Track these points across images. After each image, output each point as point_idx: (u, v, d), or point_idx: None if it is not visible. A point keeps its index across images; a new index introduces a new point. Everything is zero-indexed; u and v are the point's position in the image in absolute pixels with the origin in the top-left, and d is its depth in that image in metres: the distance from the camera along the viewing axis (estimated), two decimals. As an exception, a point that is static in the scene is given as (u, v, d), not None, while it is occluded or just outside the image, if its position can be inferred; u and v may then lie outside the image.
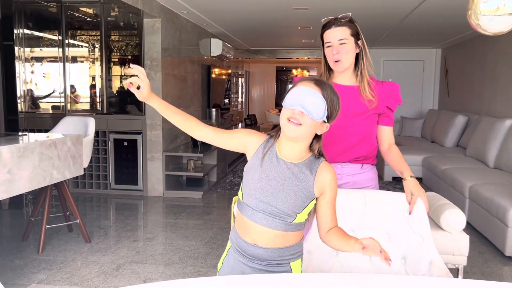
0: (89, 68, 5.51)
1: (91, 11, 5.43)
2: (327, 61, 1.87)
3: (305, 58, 10.85)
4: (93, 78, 5.52)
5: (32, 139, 2.97)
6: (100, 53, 5.38)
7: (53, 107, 5.55)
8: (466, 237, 2.51)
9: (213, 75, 7.30)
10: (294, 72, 14.33)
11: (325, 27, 1.84)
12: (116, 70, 5.48)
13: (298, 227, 1.39)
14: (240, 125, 9.51)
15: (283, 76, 16.14)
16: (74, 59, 5.47)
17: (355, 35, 1.82)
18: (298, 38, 7.89)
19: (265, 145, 1.40)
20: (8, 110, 4.21)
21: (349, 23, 1.81)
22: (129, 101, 5.40)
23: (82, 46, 5.52)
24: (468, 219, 3.99)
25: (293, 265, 1.41)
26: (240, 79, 11.65)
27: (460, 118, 6.40)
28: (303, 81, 1.35)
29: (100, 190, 5.33)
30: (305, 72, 14.60)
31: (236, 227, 1.45)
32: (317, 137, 1.37)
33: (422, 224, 1.74)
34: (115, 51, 5.45)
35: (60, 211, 3.91)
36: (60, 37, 5.36)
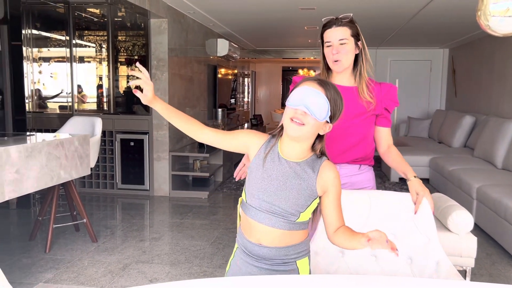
0: (96, 68, 5.54)
1: (98, 11, 5.45)
2: (326, 60, 1.86)
3: (312, 58, 10.82)
4: (100, 78, 5.55)
5: (39, 139, 2.99)
6: (107, 53, 5.40)
7: (60, 107, 5.58)
8: (474, 239, 2.49)
9: (219, 75, 7.31)
10: (301, 72, 14.31)
11: (326, 26, 1.83)
12: (123, 70, 5.50)
13: (302, 226, 1.39)
14: (246, 125, 9.51)
15: (289, 76, 16.11)
16: (81, 59, 5.50)
17: (356, 35, 1.81)
18: (305, 38, 7.87)
19: (267, 145, 1.40)
20: (16, 110, 4.24)
21: (350, 23, 1.80)
22: (135, 101, 5.42)
23: (89, 46, 5.55)
24: (475, 220, 3.96)
25: (299, 263, 1.41)
26: (246, 79, 11.65)
27: (467, 118, 6.35)
28: (307, 81, 1.35)
29: (106, 190, 5.35)
30: (311, 72, 14.57)
31: (241, 228, 1.46)
32: (320, 137, 1.38)
33: (428, 224, 1.73)
34: (122, 51, 5.47)
35: (67, 210, 3.93)
36: (68, 38, 5.39)
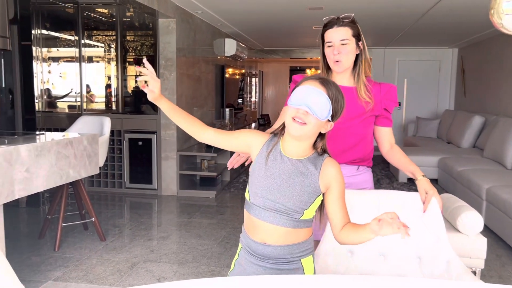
0: (105, 68, 5.57)
1: (107, 11, 5.48)
2: (327, 60, 1.85)
3: (319, 58, 10.80)
4: (109, 78, 5.58)
5: (49, 138, 3.01)
6: (115, 53, 5.43)
7: (69, 107, 5.62)
8: (484, 240, 2.47)
9: (227, 75, 7.32)
10: (308, 72, 14.28)
11: (327, 26, 1.82)
12: (131, 70, 5.53)
13: (307, 223, 1.39)
14: (253, 125, 9.51)
15: (296, 76, 16.06)
16: (90, 59, 5.54)
17: (357, 36, 1.80)
18: (312, 37, 7.85)
19: (269, 143, 1.41)
20: (26, 110, 4.27)
21: (351, 23, 1.79)
22: (144, 100, 5.44)
23: (98, 46, 5.58)
24: (485, 221, 3.92)
25: (304, 261, 1.41)
26: (253, 79, 11.65)
27: (477, 118, 6.30)
28: (308, 80, 1.35)
29: (115, 189, 5.38)
30: (318, 72, 14.51)
31: (245, 227, 1.46)
32: (321, 135, 1.38)
33: (437, 223, 1.73)
34: (130, 51, 5.50)
35: (76, 209, 3.96)
36: (77, 37, 5.42)
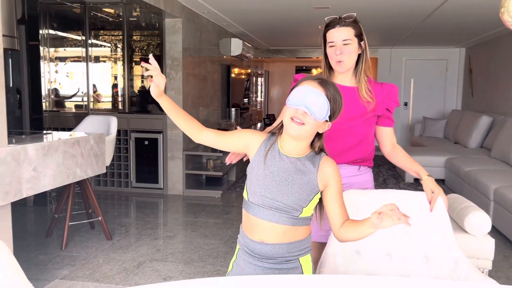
0: (111, 67, 5.59)
1: (113, 11, 5.51)
2: (328, 60, 1.84)
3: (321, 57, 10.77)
4: (115, 78, 5.60)
5: (56, 137, 3.03)
6: (122, 53, 5.45)
7: (76, 106, 5.65)
8: (492, 241, 2.45)
9: (232, 75, 7.32)
10: (314, 71, 14.25)
11: (329, 26, 1.81)
12: (138, 69, 5.55)
13: (305, 221, 1.40)
14: (259, 124, 9.51)
15: (302, 75, 16.04)
16: (96, 59, 5.56)
17: (359, 35, 1.79)
18: (319, 37, 7.83)
19: (267, 142, 1.42)
20: (33, 109, 4.30)
21: (353, 23, 1.78)
22: (150, 100, 5.46)
23: (104, 46, 5.61)
24: (492, 222, 3.89)
25: (302, 260, 1.42)
26: (259, 79, 11.65)
27: (484, 118, 6.26)
28: (307, 80, 1.37)
29: (121, 188, 5.40)
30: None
31: (242, 227, 1.47)
32: (319, 135, 1.40)
33: (443, 222, 1.73)
34: (136, 51, 5.52)
35: (83, 208, 3.98)
36: (84, 37, 5.45)
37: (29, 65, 4.23)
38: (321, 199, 1.42)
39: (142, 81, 5.57)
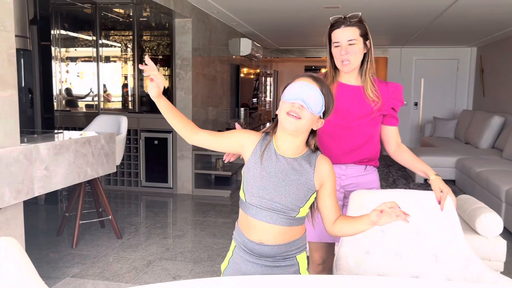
0: (122, 67, 5.63)
1: (124, 11, 5.54)
2: (334, 60, 1.84)
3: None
4: (125, 78, 5.63)
5: (67, 136, 3.06)
6: (132, 53, 5.48)
7: (86, 106, 5.70)
8: (503, 242, 2.43)
9: (241, 75, 7.33)
10: (323, 71, 14.20)
11: (334, 26, 1.81)
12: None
13: (301, 221, 1.43)
14: (268, 124, 9.50)
15: (311, 75, 16.00)
16: (107, 59, 5.60)
17: (364, 35, 1.78)
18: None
19: (262, 143, 1.42)
20: (45, 109, 4.34)
21: (359, 23, 1.77)
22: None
23: (115, 46, 5.65)
24: (504, 223, 3.85)
25: (299, 258, 1.45)
26: (268, 79, 11.65)
27: (496, 119, 6.19)
28: (301, 77, 1.39)
29: (131, 188, 5.43)
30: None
31: (239, 226, 1.47)
32: (313, 133, 1.42)
33: (452, 221, 1.73)
34: (147, 51, 5.55)
35: (93, 207, 4.01)
36: (94, 38, 5.49)
37: (41, 65, 4.27)
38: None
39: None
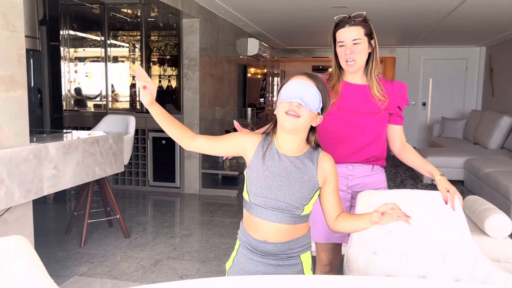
0: (130, 67, 5.66)
1: (132, 12, 5.57)
2: (339, 60, 1.83)
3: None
4: (133, 78, 5.66)
5: (76, 136, 3.08)
6: (140, 53, 5.51)
7: (95, 106, 5.73)
8: (513, 244, 2.41)
9: (249, 75, 7.34)
10: (330, 71, 14.15)
11: (338, 25, 1.80)
12: (156, 69, 5.60)
13: (306, 218, 1.44)
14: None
15: (319, 75, 15.96)
16: (115, 59, 5.63)
17: (369, 34, 1.78)
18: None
19: (263, 143, 1.43)
20: (54, 109, 4.38)
21: (363, 22, 1.77)
22: (167, 100, 5.51)
23: (123, 46, 5.68)
24: (513, 224, 3.82)
25: (303, 257, 1.45)
26: (275, 79, 11.64)
27: (505, 119, 6.14)
28: (296, 75, 1.40)
29: (139, 187, 5.46)
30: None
31: (244, 225, 1.48)
32: (312, 129, 1.43)
33: (459, 221, 1.73)
34: (154, 51, 5.57)
35: (101, 206, 4.04)
36: (103, 38, 5.53)
37: (50, 65, 4.31)
38: None
39: (160, 81, 5.62)
